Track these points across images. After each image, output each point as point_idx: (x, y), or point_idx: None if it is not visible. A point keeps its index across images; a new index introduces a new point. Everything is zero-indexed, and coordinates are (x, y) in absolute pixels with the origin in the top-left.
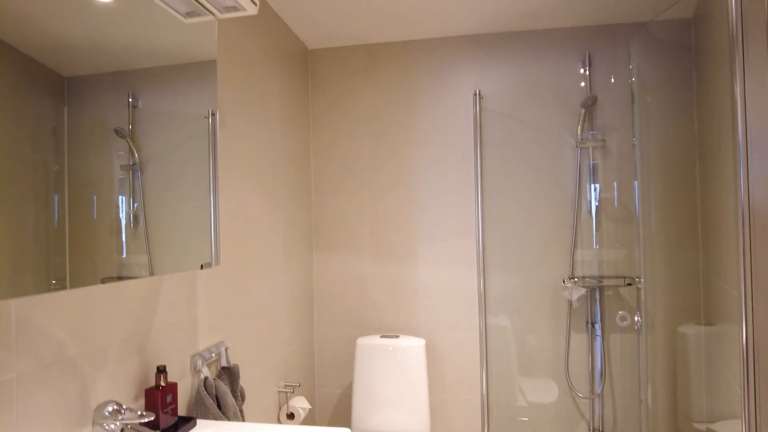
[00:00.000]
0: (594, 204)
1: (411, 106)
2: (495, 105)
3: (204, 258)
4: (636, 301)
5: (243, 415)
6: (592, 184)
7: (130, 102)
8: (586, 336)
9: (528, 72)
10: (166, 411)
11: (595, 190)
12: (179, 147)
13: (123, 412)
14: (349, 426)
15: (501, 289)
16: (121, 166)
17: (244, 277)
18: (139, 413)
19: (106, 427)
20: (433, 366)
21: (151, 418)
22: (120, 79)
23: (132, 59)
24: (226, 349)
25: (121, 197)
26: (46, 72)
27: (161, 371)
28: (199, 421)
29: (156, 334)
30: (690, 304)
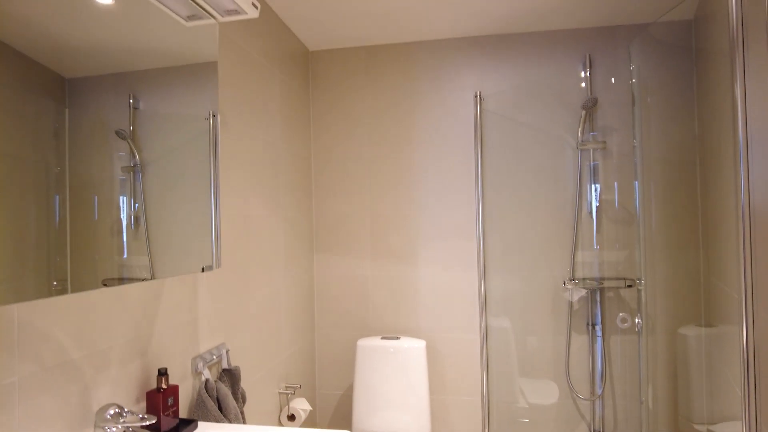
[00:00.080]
0: (594, 205)
1: (411, 107)
2: (495, 106)
3: (205, 259)
4: (636, 303)
5: (244, 417)
6: (593, 185)
7: (131, 103)
8: (587, 337)
9: (529, 73)
10: (168, 413)
11: (596, 191)
12: (180, 148)
13: (124, 415)
14: (349, 427)
15: (501, 290)
16: (122, 167)
17: (245, 279)
18: (140, 416)
19: (107, 430)
20: (434, 367)
21: (152, 421)
22: (121, 80)
23: (133, 61)
24: (227, 351)
25: (122, 198)
26: (48, 73)
27: (162, 374)
28: (200, 424)
29: (157, 336)
30: (690, 305)
